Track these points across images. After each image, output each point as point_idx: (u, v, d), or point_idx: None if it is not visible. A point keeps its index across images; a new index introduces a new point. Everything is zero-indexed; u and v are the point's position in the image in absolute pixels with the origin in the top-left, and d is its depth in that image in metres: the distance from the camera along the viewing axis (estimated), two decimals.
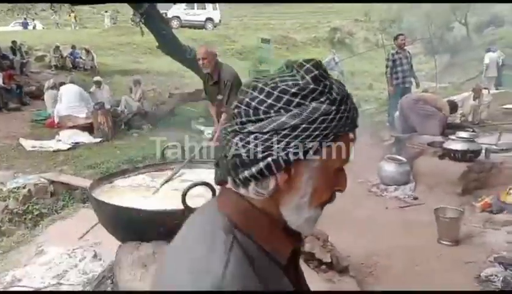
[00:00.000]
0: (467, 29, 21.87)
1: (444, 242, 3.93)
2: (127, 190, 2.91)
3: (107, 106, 8.73)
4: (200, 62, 4.12)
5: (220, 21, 23.90)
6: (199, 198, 2.45)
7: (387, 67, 8.06)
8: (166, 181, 3.01)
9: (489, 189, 4.82)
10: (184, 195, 2.30)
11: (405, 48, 8.36)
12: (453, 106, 6.73)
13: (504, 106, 9.34)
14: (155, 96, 11.16)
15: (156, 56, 16.11)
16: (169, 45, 9.23)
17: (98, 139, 7.83)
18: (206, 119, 9.87)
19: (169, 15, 20.73)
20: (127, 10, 22.00)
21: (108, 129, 8.05)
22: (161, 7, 11.32)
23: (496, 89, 11.79)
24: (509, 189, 4.64)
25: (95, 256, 3.73)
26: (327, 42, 21.80)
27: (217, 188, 2.47)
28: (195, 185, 2.41)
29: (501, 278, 3.11)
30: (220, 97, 4.17)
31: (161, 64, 14.70)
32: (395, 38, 8.35)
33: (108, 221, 2.55)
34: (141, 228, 2.36)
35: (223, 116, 4.08)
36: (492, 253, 3.62)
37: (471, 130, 6.60)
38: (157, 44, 9.45)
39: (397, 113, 6.99)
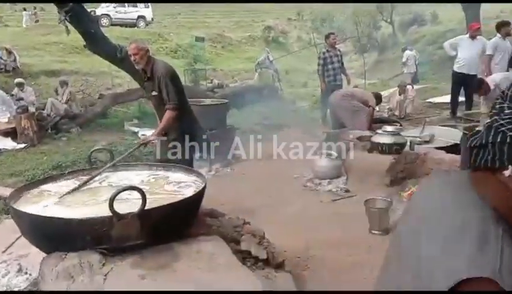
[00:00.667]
0: (393, 27, 23.13)
1: (374, 232, 4.11)
2: (51, 198, 2.74)
3: (31, 110, 8.21)
4: (132, 58, 4.01)
5: (152, 19, 23.36)
6: (126, 202, 2.39)
7: (319, 65, 8.31)
8: (80, 186, 2.90)
9: (414, 179, 5.10)
10: (111, 201, 2.22)
11: (336, 46, 8.67)
12: (378, 97, 7.11)
13: (427, 100, 9.98)
14: (85, 97, 10.66)
15: (85, 56, 15.37)
16: (98, 44, 8.82)
17: (23, 145, 7.35)
18: (140, 120, 9.60)
19: (98, 13, 19.94)
20: (51, 7, 20.87)
21: (33, 134, 7.57)
22: (89, 5, 10.83)
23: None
24: None
25: (20, 270, 3.47)
26: (262, 41, 22.05)
27: (146, 191, 2.36)
28: (123, 190, 2.34)
29: None
30: (154, 93, 4.09)
31: (91, 64, 14.06)
32: (327, 37, 8.62)
33: (31, 232, 2.40)
34: (67, 238, 2.24)
35: (168, 113, 4.01)
36: None
37: (398, 124, 6.99)
38: (84, 43, 9.00)
39: (329, 110, 7.24)
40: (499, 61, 7.39)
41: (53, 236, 2.27)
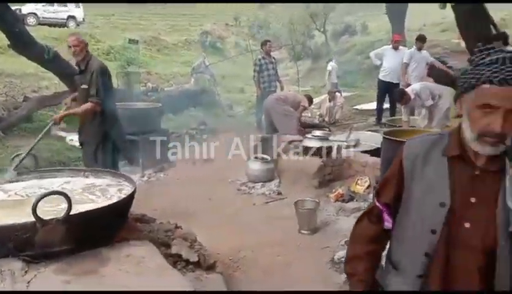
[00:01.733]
0: (326, 37, 24.04)
1: (303, 232, 4.30)
2: None
3: None
4: (72, 49, 4.10)
5: (83, 19, 22.43)
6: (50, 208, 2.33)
7: (254, 71, 8.49)
8: None
9: (341, 181, 5.40)
10: (34, 206, 2.16)
11: (272, 53, 8.91)
12: (310, 99, 7.44)
13: (354, 107, 10.52)
14: (8, 100, 10.02)
15: (9, 56, 14.44)
16: (24, 44, 8.37)
17: None
18: (67, 124, 9.22)
19: (24, 11, 18.84)
20: None
21: None
22: (14, 4, 10.22)
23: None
24: (357, 180, 5.27)
25: None
26: (199, 45, 21.98)
27: (73, 197, 2.32)
28: (47, 194, 2.28)
29: None
30: (84, 86, 4.14)
31: (16, 65, 13.26)
32: (263, 44, 8.83)
33: None
34: None
35: (88, 104, 4.09)
36: (344, 238, 4.06)
37: (327, 129, 7.33)
38: (8, 43, 8.51)
39: (264, 114, 7.44)
40: (414, 70, 8.00)
41: None
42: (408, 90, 6.46)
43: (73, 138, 8.09)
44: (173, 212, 4.38)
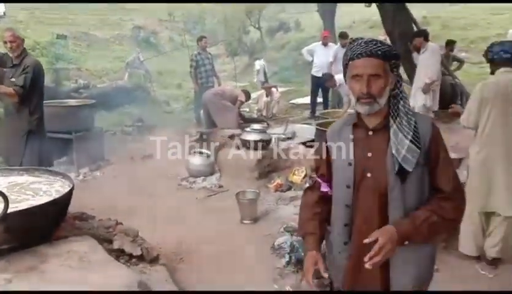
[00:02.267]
0: (261, 33, 24.37)
1: (245, 222, 4.43)
2: None
3: None
4: (8, 45, 4.00)
5: (4, 13, 20.92)
6: None
7: (191, 67, 8.48)
8: None
9: (279, 172, 5.59)
10: None
11: (208, 49, 8.93)
12: (247, 93, 7.59)
13: (291, 101, 10.85)
14: None
15: None
16: None
17: None
18: None
19: None
20: None
21: None
22: None
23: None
24: (295, 170, 5.49)
25: None
26: (132, 40, 21.36)
27: (9, 196, 2.27)
28: None
29: (288, 243, 3.69)
30: (13, 79, 4.02)
31: None
32: (199, 40, 8.83)
33: None
34: None
35: (11, 90, 3.99)
36: (283, 225, 4.24)
37: (266, 123, 7.52)
38: None
39: (202, 109, 7.46)
40: (339, 66, 8.40)
41: None
42: (335, 77, 6.97)
43: None
44: (111, 210, 4.28)
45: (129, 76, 11.62)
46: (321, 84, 8.53)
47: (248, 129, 5.77)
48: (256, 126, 5.90)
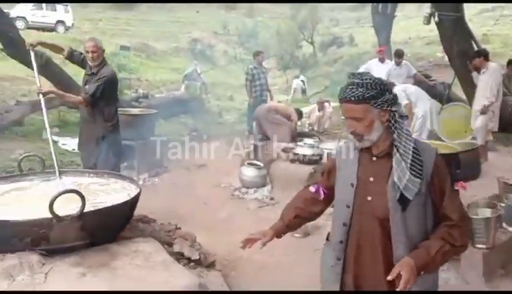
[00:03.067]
0: (314, 47, 24.45)
1: (296, 235, 4.47)
2: None
3: None
4: (89, 55, 4.10)
5: (72, 24, 22.42)
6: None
7: (247, 80, 8.69)
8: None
9: None
10: (51, 203, 2.30)
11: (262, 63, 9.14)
12: (299, 113, 7.65)
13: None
14: None
15: None
16: (17, 48, 8.44)
17: None
18: (60, 129, 9.28)
19: (13, 15, 18.76)
20: None
21: None
22: (3, 6, 10.26)
23: None
24: None
25: None
26: (189, 52, 22.15)
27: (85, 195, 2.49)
28: (63, 192, 2.42)
29: None
30: (86, 86, 4.17)
31: (4, 69, 13.23)
32: (256, 55, 9.01)
33: None
34: (6, 239, 2.28)
35: (81, 98, 4.17)
36: None
37: (317, 137, 7.55)
38: (1, 46, 8.57)
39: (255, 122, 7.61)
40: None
41: None
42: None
43: (66, 143, 8.17)
44: (169, 215, 4.49)
45: (186, 87, 12.06)
46: None
47: (300, 143, 5.85)
48: (308, 140, 5.97)
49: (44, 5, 21.35)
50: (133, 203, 2.81)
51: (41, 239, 2.36)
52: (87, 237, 2.49)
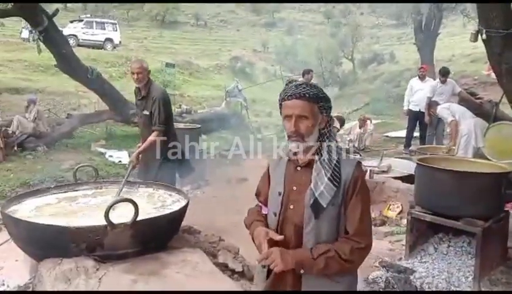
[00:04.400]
0: (353, 64, 24.32)
1: None
2: (43, 209, 2.89)
3: None
4: (134, 76, 4.12)
5: (120, 42, 23.42)
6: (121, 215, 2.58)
7: None
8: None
9: (373, 205, 5.51)
10: (107, 211, 2.41)
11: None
12: (341, 119, 7.63)
13: (384, 134, 10.64)
14: (51, 117, 10.58)
15: (50, 75, 15.23)
16: (70, 64, 8.93)
17: None
18: (107, 141, 9.66)
19: (66, 33, 19.81)
20: (13, 23, 20.54)
21: None
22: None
23: None
24: (389, 205, 5.39)
25: None
26: (229, 70, 22.57)
27: (140, 204, 2.59)
28: (118, 201, 2.54)
29: (383, 279, 3.64)
30: (146, 112, 4.17)
31: (56, 83, 13.97)
32: (306, 73, 8.87)
33: (26, 239, 2.53)
34: (63, 244, 2.40)
35: (153, 135, 4.09)
36: (377, 259, 4.18)
37: (359, 154, 7.47)
38: (55, 63, 9.08)
39: None
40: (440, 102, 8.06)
41: (50, 242, 2.42)
42: (438, 107, 6.81)
43: (113, 155, 8.49)
44: (212, 226, 4.57)
45: (227, 103, 12.28)
46: (420, 119, 8.29)
47: None
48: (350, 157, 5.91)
49: (94, 24, 22.45)
50: (181, 213, 2.90)
51: (97, 245, 2.47)
52: (138, 245, 2.59)
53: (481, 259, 3.48)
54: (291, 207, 1.82)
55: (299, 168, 1.84)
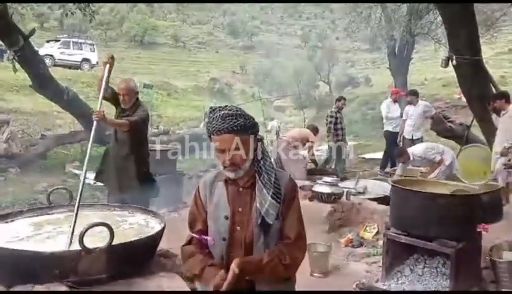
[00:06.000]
0: (330, 87, 24.79)
1: (315, 275, 4.43)
2: (14, 233, 2.80)
3: None
4: (120, 98, 4.13)
5: (97, 62, 23.26)
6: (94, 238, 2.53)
7: (330, 123, 8.71)
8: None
9: (350, 226, 5.56)
10: (81, 236, 2.36)
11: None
12: (315, 129, 7.91)
13: (360, 156, 10.81)
14: (25, 137, 10.35)
15: (23, 95, 14.97)
16: (46, 84, 8.81)
17: None
18: (81, 162, 9.49)
19: (42, 53, 19.60)
20: None
21: None
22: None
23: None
24: (366, 226, 5.44)
25: None
26: (207, 91, 22.67)
27: (115, 228, 2.57)
28: (93, 225, 2.49)
29: None
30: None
31: (30, 103, 13.73)
32: (338, 100, 9.14)
33: None
34: (35, 270, 2.33)
35: (125, 120, 4.15)
36: (354, 281, 4.19)
37: (336, 175, 7.55)
38: (30, 83, 8.94)
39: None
40: (409, 122, 8.34)
41: (21, 268, 2.35)
42: (409, 150, 6.79)
43: (88, 176, 8.32)
44: None
45: (205, 124, 12.27)
46: (393, 138, 8.52)
47: (320, 181, 5.86)
48: (328, 179, 5.97)
49: (71, 44, 22.29)
50: (158, 236, 2.86)
51: (70, 271, 2.41)
52: (113, 269, 2.53)
53: (455, 280, 3.53)
54: (238, 228, 1.85)
55: (241, 189, 1.87)
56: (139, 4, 37.60)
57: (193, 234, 1.98)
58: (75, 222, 2.80)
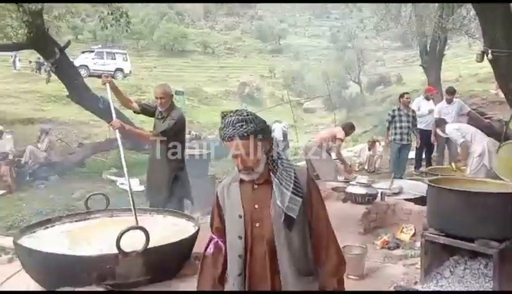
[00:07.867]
0: (360, 87, 24.44)
1: (351, 277, 4.35)
2: (55, 238, 2.90)
3: (10, 157, 8.24)
4: (158, 101, 4.32)
5: (130, 71, 23.86)
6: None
7: (387, 121, 8.18)
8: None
9: (385, 228, 5.43)
10: (118, 240, 2.42)
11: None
12: (349, 126, 7.57)
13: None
14: (63, 146, 10.72)
15: (61, 105, 15.50)
16: (81, 94, 9.11)
17: (0, 192, 7.32)
18: (118, 169, 9.72)
19: (77, 64, 20.29)
20: (25, 55, 21.06)
21: (11, 181, 7.57)
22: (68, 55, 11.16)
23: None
24: (402, 228, 5.30)
25: None
26: (237, 96, 22.80)
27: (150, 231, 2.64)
28: (129, 229, 2.55)
29: None
30: (161, 129, 4.30)
31: (68, 113, 14.21)
32: (401, 96, 8.36)
33: (38, 269, 2.54)
34: (75, 274, 2.41)
35: (149, 134, 4.34)
36: (392, 284, 4.09)
37: (368, 177, 7.41)
38: (67, 93, 9.27)
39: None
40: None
41: (62, 272, 2.43)
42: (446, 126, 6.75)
43: (124, 182, 8.53)
44: None
45: None
46: (425, 136, 8.27)
47: (353, 182, 5.76)
48: (362, 179, 5.87)
49: (104, 54, 22.94)
50: (193, 239, 2.90)
51: (108, 274, 2.47)
52: (149, 272, 2.58)
53: (499, 282, 3.39)
54: (257, 225, 1.87)
55: (256, 186, 1.90)
56: (169, 13, 38.35)
57: (213, 236, 2.03)
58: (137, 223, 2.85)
